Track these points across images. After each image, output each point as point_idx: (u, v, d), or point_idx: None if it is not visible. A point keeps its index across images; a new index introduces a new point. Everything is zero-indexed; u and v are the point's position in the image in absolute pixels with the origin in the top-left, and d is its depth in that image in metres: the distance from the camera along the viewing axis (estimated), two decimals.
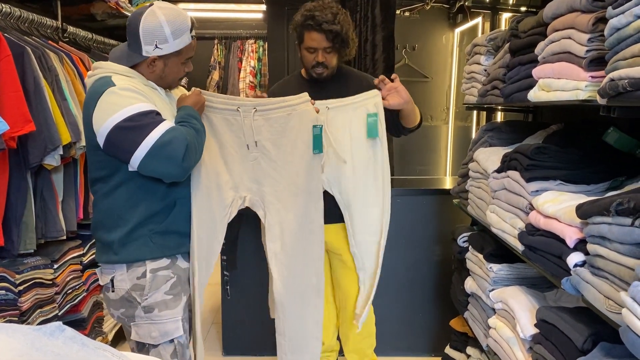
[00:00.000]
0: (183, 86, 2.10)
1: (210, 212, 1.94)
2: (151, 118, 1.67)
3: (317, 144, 2.08)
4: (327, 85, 2.29)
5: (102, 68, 1.76)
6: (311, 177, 2.06)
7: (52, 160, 2.28)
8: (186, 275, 1.88)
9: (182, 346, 1.84)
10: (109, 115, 1.64)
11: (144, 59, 1.75)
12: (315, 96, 2.17)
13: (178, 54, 1.77)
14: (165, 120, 1.70)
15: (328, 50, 2.22)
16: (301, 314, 2.11)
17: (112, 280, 1.79)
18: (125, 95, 1.66)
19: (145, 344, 1.81)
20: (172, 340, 1.82)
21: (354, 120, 2.20)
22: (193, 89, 1.93)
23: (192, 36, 1.77)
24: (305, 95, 2.06)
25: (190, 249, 1.89)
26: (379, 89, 2.22)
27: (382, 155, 2.23)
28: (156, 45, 1.72)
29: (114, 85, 1.68)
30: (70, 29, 2.88)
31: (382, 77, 2.24)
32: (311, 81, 2.33)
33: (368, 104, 2.20)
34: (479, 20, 4.07)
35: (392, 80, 2.23)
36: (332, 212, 2.28)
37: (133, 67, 1.77)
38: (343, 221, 2.29)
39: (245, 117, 1.99)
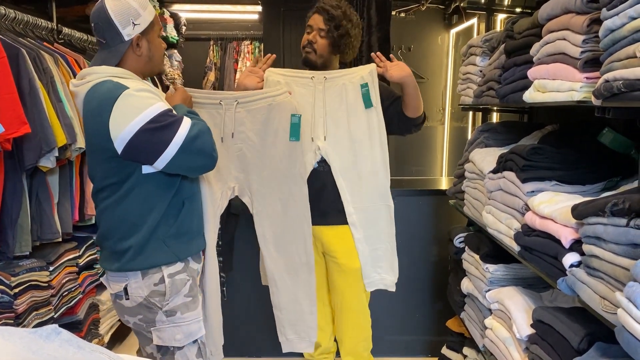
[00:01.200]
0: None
1: (204, 206, 1.99)
2: (172, 116, 1.66)
3: (295, 132, 2.13)
4: None
5: (97, 73, 1.71)
6: (293, 164, 2.13)
7: (48, 162, 2.27)
8: (196, 276, 1.89)
9: (204, 345, 1.86)
10: (130, 119, 1.60)
11: (128, 44, 1.72)
12: (315, 93, 2.24)
13: (153, 26, 1.77)
14: (183, 116, 1.70)
15: (321, 34, 2.26)
16: (293, 289, 2.20)
17: (125, 288, 1.76)
18: (143, 96, 1.64)
19: (169, 347, 1.80)
20: (195, 341, 1.82)
21: (349, 90, 2.24)
22: (176, 86, 1.95)
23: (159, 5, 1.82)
24: (283, 87, 2.12)
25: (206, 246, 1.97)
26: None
27: (378, 123, 2.26)
28: (133, 22, 1.70)
29: (127, 87, 1.64)
30: (66, 30, 2.87)
31: (378, 53, 2.28)
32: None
33: (363, 73, 2.25)
34: (474, 21, 4.08)
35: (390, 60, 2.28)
36: (329, 214, 2.29)
37: (120, 65, 1.74)
38: (339, 223, 2.30)
39: (227, 110, 2.06)
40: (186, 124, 1.67)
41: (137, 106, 1.62)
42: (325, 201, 2.28)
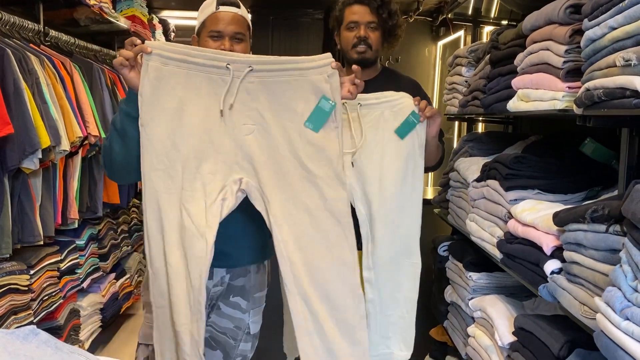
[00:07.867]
0: None
1: (182, 219, 1.52)
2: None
3: (316, 120, 1.55)
4: (370, 86, 1.84)
5: None
6: (326, 160, 1.56)
7: (31, 163, 2.24)
8: None
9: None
10: None
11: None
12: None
13: (202, 28, 1.80)
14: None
15: (372, 25, 1.99)
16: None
17: None
18: None
19: None
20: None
21: (388, 119, 1.87)
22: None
23: (218, 6, 1.75)
24: (327, 57, 1.57)
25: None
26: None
27: (415, 160, 1.90)
28: (198, 21, 1.82)
29: None
30: (53, 33, 2.85)
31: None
32: None
33: (408, 102, 1.86)
34: (461, 33, 4.12)
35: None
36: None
37: None
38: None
39: (235, 77, 1.53)
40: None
41: None
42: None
